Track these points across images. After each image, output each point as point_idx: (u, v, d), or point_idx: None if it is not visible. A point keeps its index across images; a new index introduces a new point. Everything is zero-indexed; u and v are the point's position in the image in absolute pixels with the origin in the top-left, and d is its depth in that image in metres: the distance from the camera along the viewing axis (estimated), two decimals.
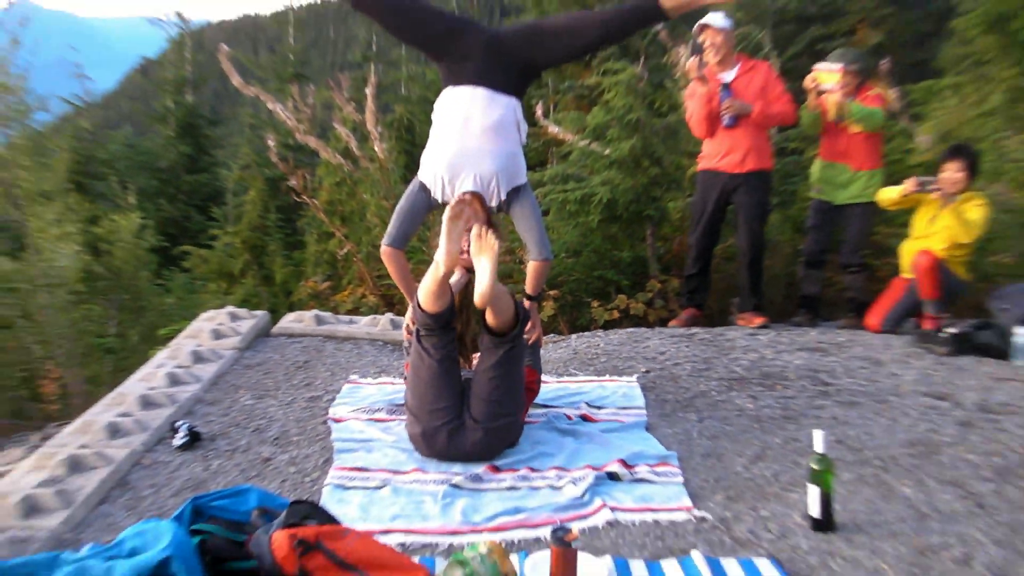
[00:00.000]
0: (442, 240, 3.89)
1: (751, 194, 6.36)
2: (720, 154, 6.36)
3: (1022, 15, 8.45)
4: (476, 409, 4.01)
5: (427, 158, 4.41)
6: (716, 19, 6.23)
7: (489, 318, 3.95)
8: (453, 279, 4.66)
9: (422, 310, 4.00)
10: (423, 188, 4.43)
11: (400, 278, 4.62)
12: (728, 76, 6.28)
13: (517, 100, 4.40)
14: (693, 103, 6.37)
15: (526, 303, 4.56)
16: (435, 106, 4.46)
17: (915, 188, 6.06)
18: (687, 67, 6.20)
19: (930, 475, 3.86)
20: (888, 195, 6.27)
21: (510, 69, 4.36)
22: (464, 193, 4.27)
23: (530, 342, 4.54)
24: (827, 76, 6.32)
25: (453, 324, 4.04)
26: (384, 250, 4.52)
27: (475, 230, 3.89)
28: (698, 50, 6.14)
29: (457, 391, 4.05)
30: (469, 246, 4.40)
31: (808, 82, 6.40)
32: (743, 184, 6.33)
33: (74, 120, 18.56)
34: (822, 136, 6.63)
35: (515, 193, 4.38)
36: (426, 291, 3.95)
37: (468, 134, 4.28)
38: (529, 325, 4.52)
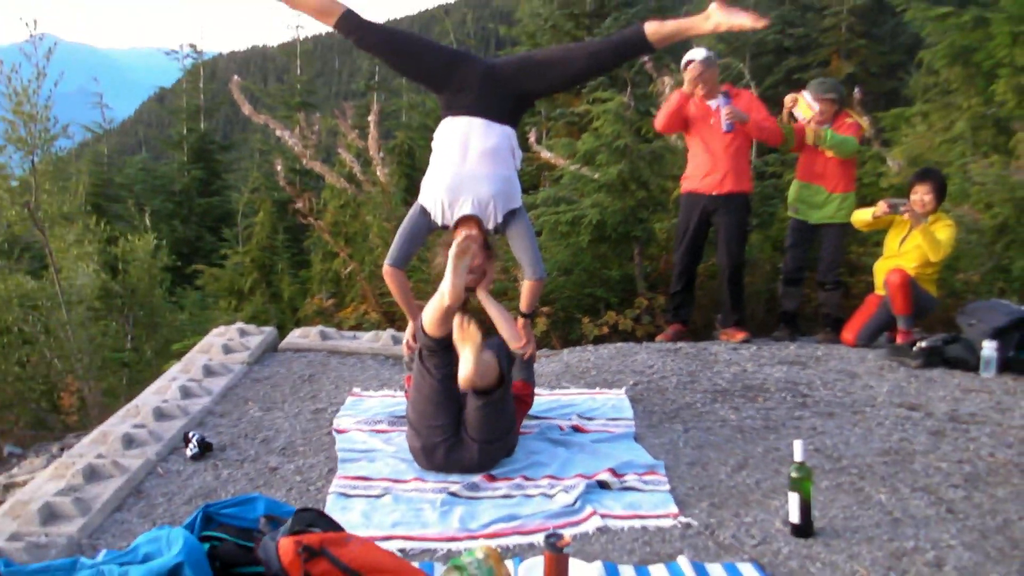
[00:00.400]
0: (448, 274, 3.87)
1: (730, 214, 6.36)
2: (701, 175, 6.37)
3: (985, 48, 8.50)
4: (472, 429, 3.99)
5: (427, 183, 4.41)
6: (700, 54, 6.25)
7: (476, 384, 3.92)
8: None
9: (425, 333, 3.98)
10: (424, 212, 4.43)
11: (401, 296, 4.61)
12: (714, 103, 6.29)
13: (512, 128, 4.41)
14: (669, 100, 6.39)
15: (520, 320, 4.55)
16: (435, 135, 4.47)
17: (887, 210, 6.07)
18: (684, 71, 6.21)
19: (904, 482, 3.85)
20: (861, 216, 6.28)
21: (505, 99, 4.38)
22: (468, 228, 4.27)
23: (524, 357, 4.53)
24: (806, 109, 6.31)
25: (454, 346, 4.02)
26: (386, 269, 4.51)
27: (457, 319, 3.82)
28: (711, 63, 6.18)
29: (455, 409, 4.03)
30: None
31: (788, 101, 6.41)
32: (722, 205, 6.34)
33: (93, 146, 18.55)
34: (799, 158, 6.64)
35: (511, 216, 4.39)
36: (431, 318, 3.93)
37: (466, 160, 4.29)
38: (524, 340, 4.52)
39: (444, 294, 3.85)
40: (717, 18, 4.19)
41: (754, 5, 13.25)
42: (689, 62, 6.24)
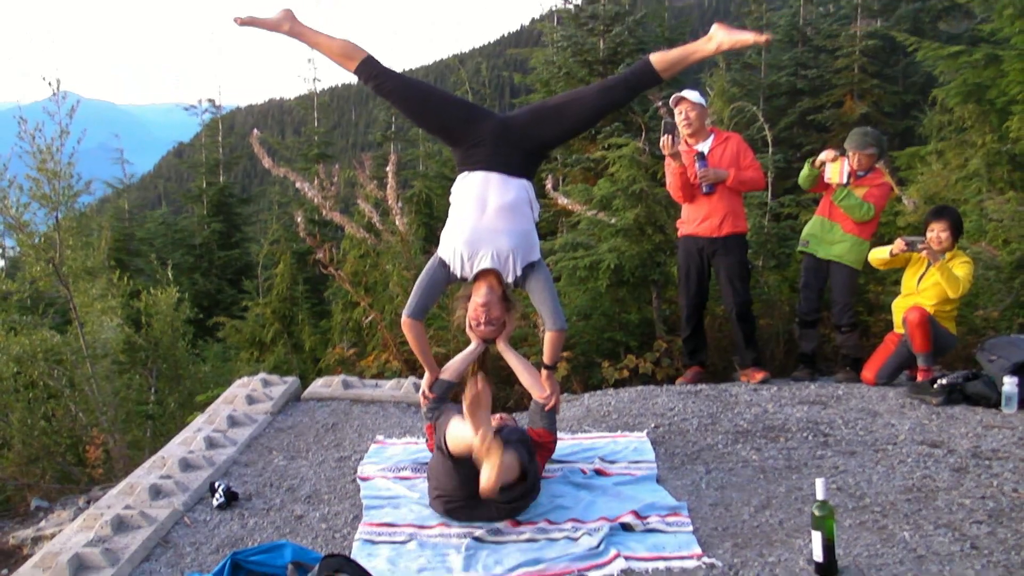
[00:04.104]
0: (472, 431, 3.69)
1: (729, 255, 6.42)
2: (698, 220, 6.43)
3: (997, 85, 8.58)
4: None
5: (446, 236, 4.46)
6: (692, 95, 6.34)
7: None
8: (469, 348, 4.70)
9: (448, 451, 4.01)
10: (442, 264, 4.46)
11: (418, 347, 4.61)
12: (704, 147, 6.38)
13: (529, 181, 4.47)
14: (669, 175, 6.46)
15: (543, 372, 4.57)
16: (452, 189, 4.51)
17: (904, 247, 6.09)
18: (661, 144, 6.25)
19: (927, 519, 3.86)
20: (879, 255, 6.31)
21: (521, 152, 4.43)
22: (487, 281, 4.35)
23: (547, 408, 4.53)
24: (836, 174, 6.32)
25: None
26: (404, 321, 4.52)
27: (480, 434, 3.68)
28: (669, 129, 6.21)
29: (475, 477, 3.85)
30: (486, 318, 4.44)
31: (827, 155, 6.35)
32: (721, 247, 6.40)
33: (114, 201, 18.85)
34: (824, 194, 6.63)
35: (530, 268, 4.41)
36: (454, 445, 3.95)
37: (484, 215, 4.33)
38: (548, 392, 4.53)
39: (474, 450, 3.72)
40: (719, 38, 4.26)
41: (765, 47, 13.43)
42: (679, 99, 6.34)
